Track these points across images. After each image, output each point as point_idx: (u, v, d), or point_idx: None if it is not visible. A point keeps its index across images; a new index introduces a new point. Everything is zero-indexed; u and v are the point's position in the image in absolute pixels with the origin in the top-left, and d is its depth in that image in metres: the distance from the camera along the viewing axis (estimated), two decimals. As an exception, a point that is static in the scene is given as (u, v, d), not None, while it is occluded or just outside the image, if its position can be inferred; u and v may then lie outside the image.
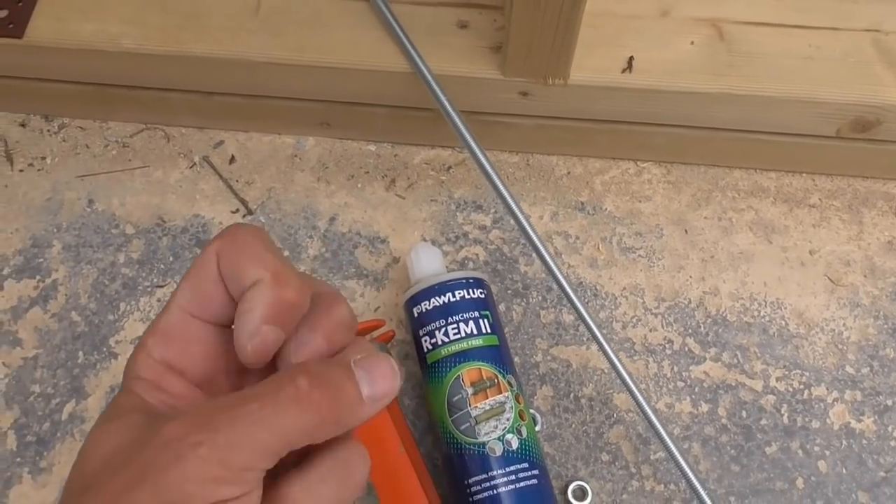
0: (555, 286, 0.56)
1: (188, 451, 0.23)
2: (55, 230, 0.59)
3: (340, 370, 0.27)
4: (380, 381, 0.27)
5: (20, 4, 0.56)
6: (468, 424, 0.46)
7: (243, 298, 0.26)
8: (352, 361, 0.27)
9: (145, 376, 0.28)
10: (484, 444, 0.46)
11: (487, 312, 0.49)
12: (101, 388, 0.54)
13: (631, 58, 0.53)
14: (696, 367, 0.54)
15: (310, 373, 0.26)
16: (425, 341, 0.49)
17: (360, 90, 0.55)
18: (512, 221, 0.57)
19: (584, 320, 0.47)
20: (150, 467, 0.23)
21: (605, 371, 0.54)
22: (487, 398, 0.47)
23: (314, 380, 0.25)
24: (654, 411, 0.46)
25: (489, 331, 0.49)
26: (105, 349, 0.55)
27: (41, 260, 0.58)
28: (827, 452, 0.51)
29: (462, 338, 0.48)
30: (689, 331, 0.55)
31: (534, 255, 0.56)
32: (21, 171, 0.62)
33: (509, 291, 0.56)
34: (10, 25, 0.55)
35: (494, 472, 0.45)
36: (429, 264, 0.52)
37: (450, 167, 0.60)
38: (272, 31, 0.54)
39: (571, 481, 0.50)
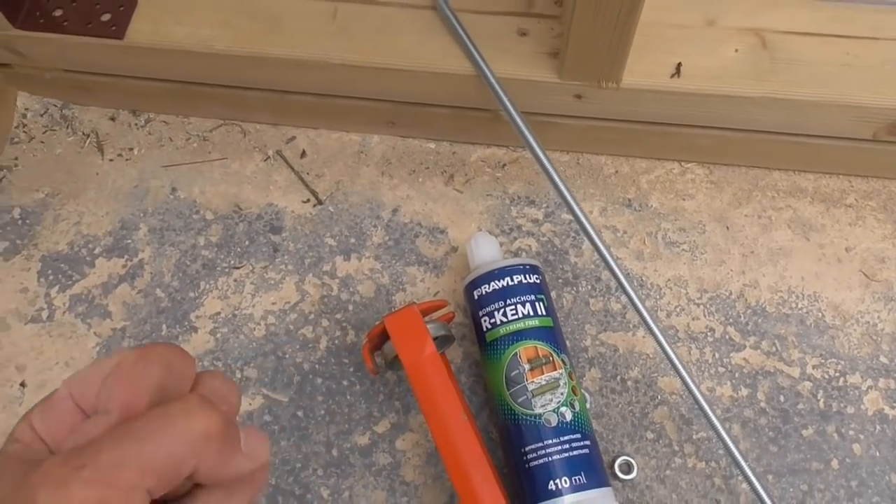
0: (603, 276, 0.60)
1: (71, 475, 0.22)
2: (141, 214, 0.65)
3: (227, 408, 0.27)
4: (256, 441, 0.27)
5: (121, 9, 0.62)
6: (525, 397, 0.50)
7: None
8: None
9: (23, 440, 0.27)
10: (540, 416, 0.50)
11: (542, 296, 0.53)
12: (184, 359, 0.59)
13: (679, 64, 0.56)
14: (737, 353, 0.57)
15: (202, 393, 0.26)
16: (485, 321, 0.53)
17: (425, 91, 0.60)
18: (563, 215, 0.62)
19: (635, 306, 0.51)
20: (31, 499, 0.22)
21: (650, 356, 0.57)
22: (543, 374, 0.51)
23: (205, 400, 0.25)
24: (700, 392, 0.50)
25: (544, 313, 0.53)
26: (186, 323, 0.60)
27: (129, 241, 0.64)
28: (861, 436, 0.54)
29: (519, 318, 0.52)
30: (730, 320, 0.58)
31: (583, 246, 0.61)
32: (111, 160, 0.68)
33: (560, 280, 0.60)
34: (113, 27, 0.61)
35: (550, 441, 0.49)
36: (487, 251, 0.56)
37: (504, 164, 0.65)
38: (347, 35, 0.59)
39: (618, 456, 0.54)
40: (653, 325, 0.51)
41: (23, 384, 0.58)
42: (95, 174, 0.67)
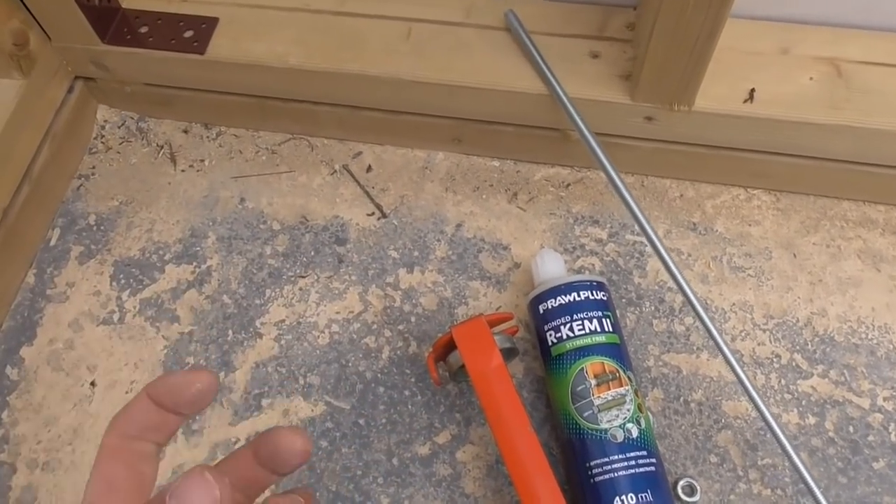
0: (667, 297, 0.60)
1: None
2: (211, 223, 0.67)
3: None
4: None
5: (203, 27, 0.65)
6: (591, 412, 0.50)
7: None
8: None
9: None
10: (606, 431, 0.50)
11: (609, 313, 0.54)
12: (248, 364, 0.60)
13: (752, 89, 0.57)
14: (804, 381, 0.56)
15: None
16: (550, 335, 0.53)
17: (494, 109, 0.61)
18: (627, 236, 0.62)
19: (706, 327, 0.51)
20: None
21: (714, 379, 0.57)
22: (609, 389, 0.51)
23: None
24: (775, 417, 0.49)
25: (611, 329, 0.53)
26: (252, 329, 0.61)
27: (198, 248, 0.66)
28: (936, 471, 0.53)
29: (586, 334, 0.52)
30: (797, 347, 0.58)
31: (647, 267, 0.61)
32: (183, 170, 0.70)
33: (623, 300, 0.60)
34: (195, 44, 0.64)
35: (615, 457, 0.49)
36: (553, 267, 0.57)
37: (569, 184, 0.66)
38: (421, 54, 0.61)
39: (681, 478, 0.53)
40: (724, 347, 0.51)
41: (93, 384, 0.60)
42: (168, 184, 0.70)
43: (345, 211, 0.66)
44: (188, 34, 0.65)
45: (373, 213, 0.66)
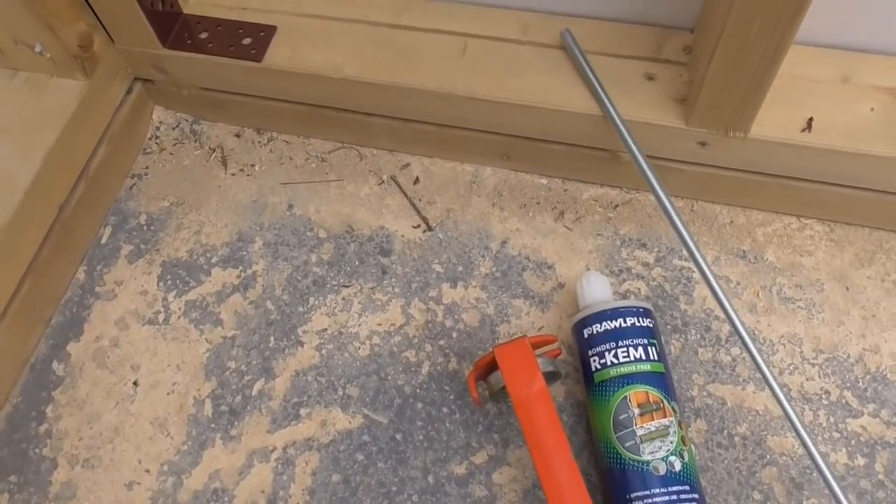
0: (713, 326, 0.57)
1: None
2: (258, 228, 0.66)
3: None
4: None
5: (262, 35, 0.64)
6: (633, 442, 0.48)
7: None
8: None
9: None
10: (648, 463, 0.48)
11: (655, 341, 0.52)
12: (288, 372, 0.59)
13: (811, 118, 0.55)
14: (854, 420, 0.54)
15: None
16: (594, 361, 0.52)
17: (547, 127, 0.60)
18: (675, 261, 0.60)
19: (754, 360, 0.49)
20: None
21: (760, 412, 0.54)
22: (653, 420, 0.49)
23: None
24: (823, 456, 0.47)
25: (656, 358, 0.51)
26: (293, 337, 0.61)
27: (244, 253, 0.65)
28: None
29: (631, 361, 0.50)
30: (847, 384, 0.55)
31: (694, 294, 0.59)
32: (233, 174, 0.70)
33: (668, 327, 0.58)
34: (253, 51, 0.63)
35: (657, 490, 0.47)
36: (599, 291, 0.55)
37: (617, 205, 0.64)
38: (476, 69, 0.60)
39: (722, 514, 0.51)
40: (772, 380, 0.48)
41: (136, 383, 0.60)
42: (218, 187, 0.69)
43: (391, 222, 0.65)
44: (247, 41, 0.64)
45: (418, 226, 0.65)
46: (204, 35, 0.66)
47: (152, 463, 0.56)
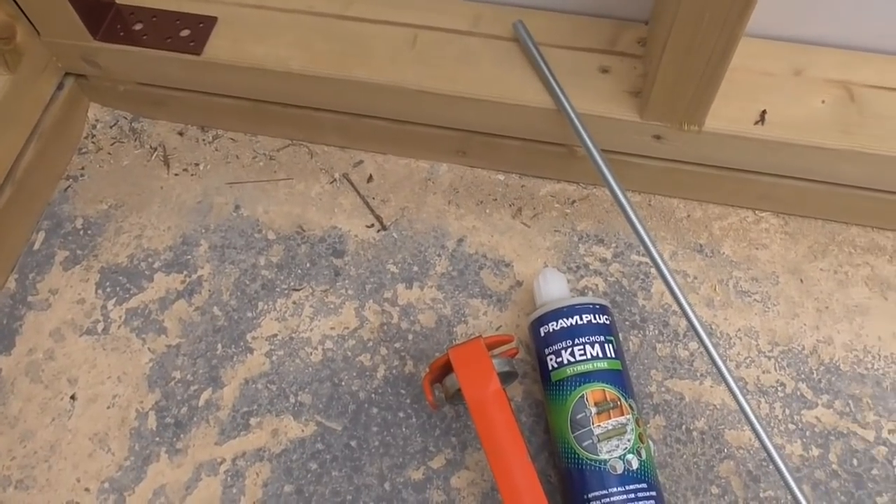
0: (671, 321, 0.59)
1: None
2: (203, 231, 0.65)
3: None
4: None
5: (201, 26, 0.63)
6: (590, 441, 0.49)
7: None
8: None
9: None
10: (605, 462, 0.48)
11: (612, 338, 0.53)
12: (237, 380, 0.58)
13: (764, 111, 0.56)
14: (808, 411, 0.55)
15: None
16: (550, 360, 0.52)
17: (501, 122, 0.60)
18: (632, 256, 0.61)
19: (710, 356, 0.50)
20: None
21: (718, 407, 0.56)
22: (610, 418, 0.49)
23: None
24: (778, 449, 0.48)
25: (613, 355, 0.52)
26: (242, 343, 0.60)
27: (189, 257, 0.64)
28: (942, 509, 0.52)
29: (588, 359, 0.51)
30: (802, 376, 0.57)
31: (652, 290, 0.60)
32: (176, 174, 0.69)
33: (627, 323, 0.59)
34: (192, 43, 0.62)
35: (614, 489, 0.48)
36: (556, 288, 0.55)
37: (574, 201, 0.64)
38: (426, 62, 0.60)
39: (682, 511, 0.52)
40: (728, 376, 0.50)
41: (73, 397, 0.58)
42: (160, 188, 0.68)
43: (343, 222, 0.65)
44: (185, 33, 0.63)
45: (372, 225, 0.64)
46: (138, 26, 0.64)
47: (92, 481, 0.55)
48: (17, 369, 0.60)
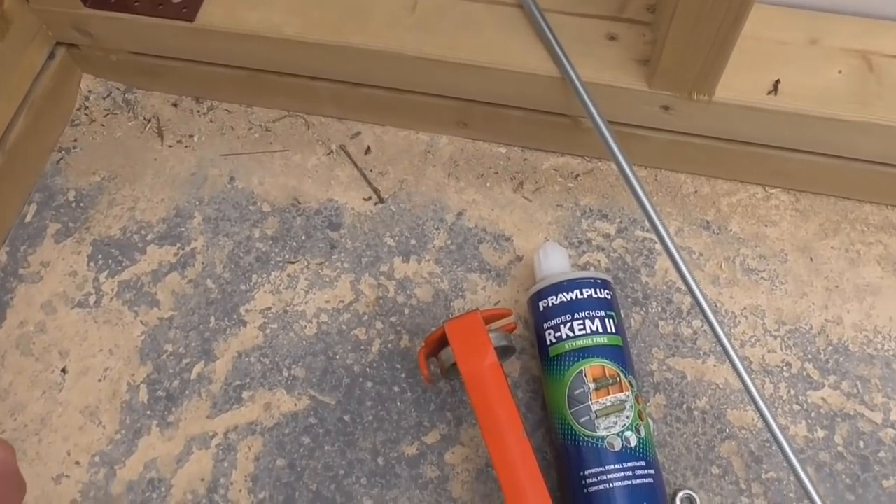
0: (675, 299, 0.59)
1: None
2: (197, 203, 0.66)
3: None
4: None
5: (195, -9, 0.63)
6: (588, 418, 0.49)
7: None
8: None
9: None
10: (603, 439, 0.49)
11: (613, 313, 0.53)
12: (230, 353, 0.59)
13: (777, 81, 0.56)
14: (814, 392, 0.56)
15: None
16: (549, 334, 0.53)
17: (503, 91, 0.60)
18: (636, 232, 0.61)
19: (716, 334, 0.50)
20: None
21: (720, 386, 0.56)
22: (609, 395, 0.50)
23: None
24: (782, 429, 0.48)
25: (614, 331, 0.52)
26: (235, 316, 0.61)
27: (182, 229, 0.65)
28: (950, 493, 0.52)
29: (587, 334, 0.51)
30: (809, 356, 0.57)
31: (656, 266, 0.60)
32: (170, 146, 0.69)
33: (629, 300, 0.59)
34: (184, 10, 0.62)
35: (612, 466, 0.48)
36: (556, 262, 0.56)
37: (578, 175, 0.65)
38: (426, 28, 0.60)
39: (680, 489, 0.53)
40: (732, 354, 0.50)
41: (64, 370, 0.59)
42: (154, 160, 0.69)
43: (340, 194, 0.65)
44: (177, -1, 0.63)
45: (370, 198, 0.65)
46: (131, -7, 0.65)
47: (82, 454, 0.56)
48: (8, 342, 0.61)
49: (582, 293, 0.53)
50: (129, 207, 0.66)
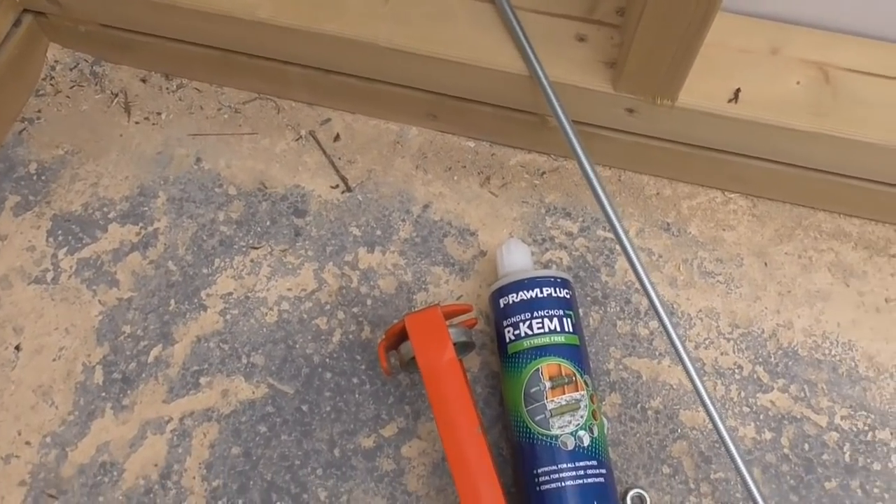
0: (633, 299, 0.58)
1: None
2: (162, 182, 0.63)
3: None
4: None
5: (166, -33, 0.60)
6: (543, 416, 0.48)
7: None
8: None
9: None
10: (556, 437, 0.47)
11: (571, 312, 0.51)
12: (189, 337, 0.57)
13: (738, 89, 0.55)
14: (763, 395, 0.55)
15: None
16: (508, 332, 0.51)
17: (473, 86, 0.58)
18: (598, 232, 0.60)
19: (668, 335, 0.49)
20: None
21: (674, 387, 0.55)
22: (564, 393, 0.48)
23: None
24: (729, 431, 0.47)
25: (571, 330, 0.51)
26: (196, 300, 0.58)
27: (146, 209, 0.62)
28: (886, 495, 0.52)
29: (545, 333, 0.50)
30: (760, 359, 0.56)
31: (616, 266, 0.59)
32: (137, 123, 0.66)
33: (588, 298, 0.58)
34: (155, -15, 0.59)
35: (564, 465, 0.47)
36: (519, 259, 0.54)
37: (544, 172, 0.63)
38: (400, 19, 0.57)
39: (631, 488, 0.52)
40: (683, 354, 0.49)
41: (18, 347, 0.56)
42: (119, 136, 0.65)
43: (307, 181, 0.63)
44: (148, -24, 0.60)
45: (337, 186, 0.62)
46: (102, -35, 0.61)
47: (33, 434, 0.53)
48: (-39, 316, 0.57)
49: (542, 291, 0.51)
50: (91, 183, 0.63)
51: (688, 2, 0.46)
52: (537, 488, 0.47)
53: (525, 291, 0.51)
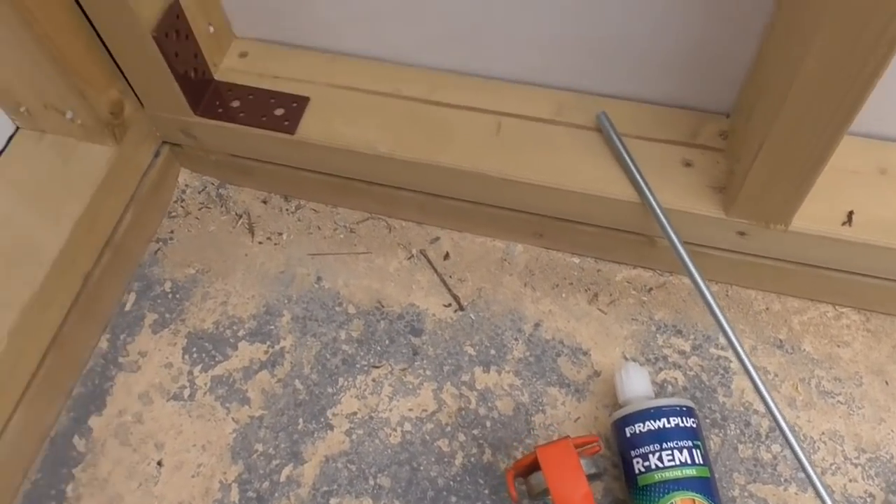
0: (753, 421, 0.53)
1: None
2: (286, 301, 0.62)
3: None
4: None
5: (294, 106, 0.60)
6: (680, 554, 0.43)
7: None
8: None
9: None
10: (696, 578, 0.43)
11: (699, 442, 0.47)
12: (318, 457, 0.54)
13: (851, 212, 0.51)
14: (899, 524, 0.49)
15: None
16: (637, 463, 0.47)
17: (583, 211, 0.56)
18: (711, 350, 0.56)
19: (798, 458, 0.45)
20: None
21: (803, 514, 0.50)
22: (701, 531, 0.44)
23: None
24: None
25: (701, 462, 0.46)
26: (323, 419, 0.56)
27: (272, 327, 0.60)
28: None
29: (676, 465, 0.46)
30: (893, 487, 0.50)
31: (732, 385, 0.54)
32: (260, 243, 0.65)
33: (707, 420, 0.53)
34: (286, 123, 0.59)
35: None
36: (638, 385, 0.50)
37: (651, 289, 0.59)
38: (509, 149, 0.55)
39: None
40: (818, 483, 0.44)
41: (160, 463, 0.55)
42: (245, 255, 0.65)
43: (421, 299, 0.61)
44: (279, 112, 0.60)
45: (449, 305, 0.60)
46: (236, 104, 0.61)
47: (176, 556, 0.51)
48: (108, 430, 0.56)
49: (669, 422, 0.47)
50: (221, 301, 0.62)
51: (811, 137, 0.43)
52: None
53: (652, 421, 0.47)
